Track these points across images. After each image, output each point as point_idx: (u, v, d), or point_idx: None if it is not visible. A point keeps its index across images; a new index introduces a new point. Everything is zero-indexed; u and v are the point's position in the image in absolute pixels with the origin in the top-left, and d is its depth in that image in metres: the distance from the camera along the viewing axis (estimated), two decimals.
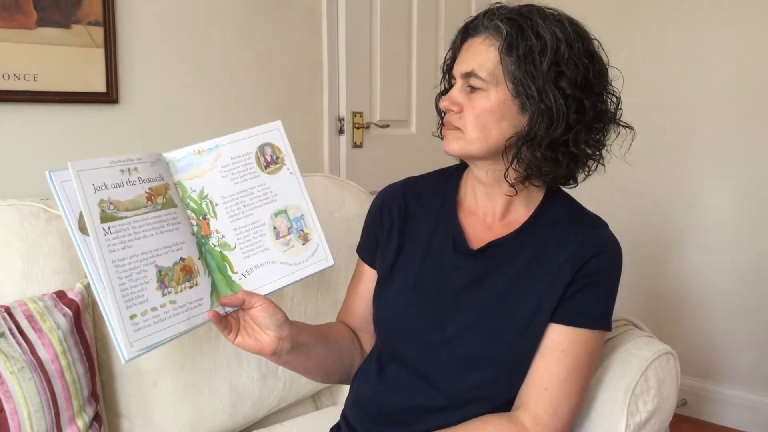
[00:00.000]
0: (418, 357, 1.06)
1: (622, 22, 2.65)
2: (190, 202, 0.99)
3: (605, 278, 1.03)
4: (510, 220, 1.09)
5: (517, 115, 1.00)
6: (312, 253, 1.06)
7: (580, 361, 1.02)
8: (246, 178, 1.02)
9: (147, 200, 0.94)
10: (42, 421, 1.05)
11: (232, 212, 1.01)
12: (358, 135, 2.34)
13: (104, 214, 0.89)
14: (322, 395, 1.63)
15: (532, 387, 1.02)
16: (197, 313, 0.95)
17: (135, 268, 0.90)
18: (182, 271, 0.94)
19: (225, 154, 1.02)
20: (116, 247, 0.89)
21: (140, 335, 0.89)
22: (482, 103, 1.00)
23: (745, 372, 2.54)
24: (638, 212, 2.71)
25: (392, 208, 1.15)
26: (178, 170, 0.99)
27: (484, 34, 1.01)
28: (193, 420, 1.32)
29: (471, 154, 1.04)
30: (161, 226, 0.94)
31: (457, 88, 1.03)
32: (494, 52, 0.99)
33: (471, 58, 1.01)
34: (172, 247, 0.94)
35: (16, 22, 1.54)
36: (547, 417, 1.00)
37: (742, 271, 2.52)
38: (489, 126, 1.00)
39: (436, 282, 1.08)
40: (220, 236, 1.00)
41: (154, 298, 0.91)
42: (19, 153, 1.59)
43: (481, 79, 0.99)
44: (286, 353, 1.02)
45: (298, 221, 1.05)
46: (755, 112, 2.44)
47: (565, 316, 1.01)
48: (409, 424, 1.06)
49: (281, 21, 2.09)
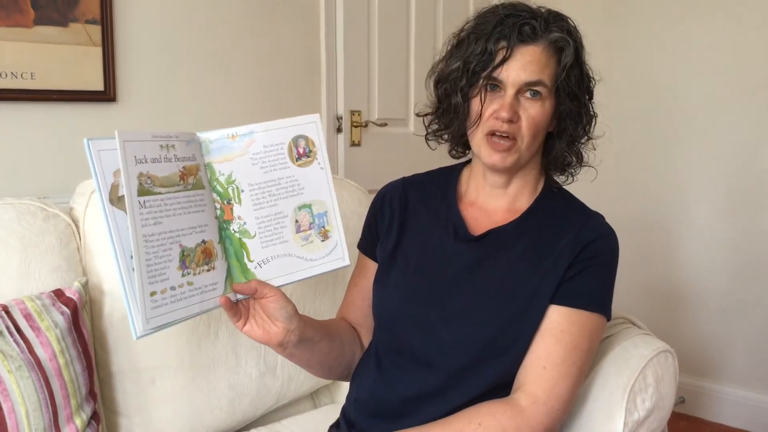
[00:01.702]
0: (416, 339, 1.07)
1: (615, 21, 2.65)
2: (216, 185, 0.98)
3: (603, 263, 1.06)
4: (512, 210, 1.11)
5: (551, 119, 1.06)
6: (330, 251, 1.05)
7: (579, 342, 1.02)
8: (276, 167, 1.01)
9: (180, 179, 0.93)
10: (40, 419, 1.05)
11: (257, 200, 1.00)
12: (356, 133, 2.34)
13: (142, 188, 0.88)
14: (320, 393, 1.63)
15: (530, 367, 1.02)
16: (211, 296, 0.95)
17: (162, 245, 0.89)
18: (203, 254, 0.94)
19: (258, 142, 1.01)
20: (148, 222, 0.87)
21: (157, 313, 0.88)
22: (539, 111, 1.03)
23: (743, 370, 2.55)
24: (635, 210, 2.72)
25: (393, 201, 1.17)
26: (210, 152, 0.98)
27: (544, 44, 1.02)
28: (191, 418, 1.32)
29: (520, 164, 1.07)
30: (189, 206, 0.93)
31: (512, 95, 1.02)
32: (554, 63, 1.03)
33: (535, 68, 1.01)
34: (197, 229, 0.94)
35: (14, 20, 1.54)
36: (544, 395, 1.00)
37: (740, 269, 2.52)
38: (539, 134, 1.06)
39: (435, 267, 1.09)
40: (242, 223, 0.99)
41: (175, 277, 0.90)
42: (16, 151, 1.59)
43: (547, 88, 1.02)
44: (293, 346, 1.02)
45: (320, 217, 1.05)
46: (750, 109, 2.45)
47: (564, 298, 1.03)
48: (408, 415, 1.07)
49: (279, 20, 2.09)
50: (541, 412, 0.99)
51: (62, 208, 1.29)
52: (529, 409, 0.99)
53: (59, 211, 1.27)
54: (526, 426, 0.99)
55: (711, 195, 2.56)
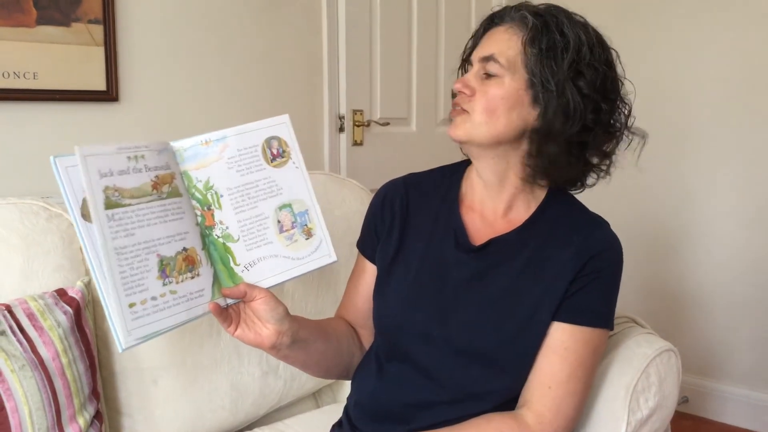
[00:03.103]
0: (418, 352, 1.06)
1: (621, 20, 2.65)
2: (195, 192, 0.98)
3: (607, 277, 1.04)
4: (511, 217, 1.09)
5: (527, 107, 1.01)
6: (315, 249, 1.05)
7: (584, 359, 1.02)
8: (252, 170, 1.02)
9: (152, 188, 0.93)
10: (43, 419, 1.05)
11: (237, 204, 1.00)
12: (358, 133, 2.34)
13: (108, 201, 0.88)
14: (323, 393, 1.63)
15: (535, 385, 1.01)
16: (198, 303, 0.95)
17: (137, 257, 0.89)
18: (184, 261, 0.94)
19: (232, 146, 1.01)
20: (119, 235, 0.88)
21: (138, 324, 0.88)
22: (495, 89, 1.01)
23: (746, 369, 2.54)
24: (639, 210, 2.71)
25: (394, 203, 1.15)
26: (184, 160, 0.99)
27: (509, 24, 1.03)
28: (193, 417, 1.32)
29: (474, 140, 1.03)
30: (165, 215, 0.93)
31: (473, 72, 1.04)
32: (516, 41, 1.01)
33: (492, 44, 1.03)
34: (176, 237, 0.93)
35: (16, 20, 1.54)
36: (550, 415, 1.00)
37: (744, 268, 2.51)
38: (498, 112, 1.00)
39: (436, 277, 1.08)
40: (224, 228, 0.99)
41: (155, 287, 0.90)
42: (18, 151, 1.59)
43: (499, 64, 1.00)
44: (286, 347, 1.01)
45: (302, 216, 1.05)
46: (756, 110, 2.44)
47: (568, 315, 1.02)
48: (409, 421, 1.06)
49: (281, 19, 2.09)
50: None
51: (65, 208, 1.28)
52: (536, 428, 0.99)
53: (62, 210, 1.27)
54: None
55: (716, 195, 2.55)
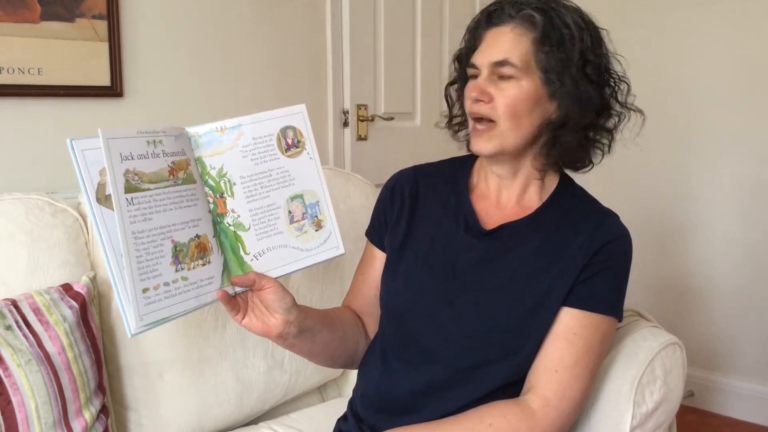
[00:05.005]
0: (425, 333, 1.07)
1: (625, 13, 2.64)
2: (208, 179, 0.98)
3: (617, 266, 1.04)
4: (523, 204, 1.10)
5: (546, 104, 1.02)
6: (324, 240, 1.05)
7: (591, 345, 1.02)
8: (266, 159, 1.02)
9: (169, 174, 0.93)
10: (49, 413, 1.06)
11: (250, 193, 1.00)
12: (362, 127, 2.34)
13: (128, 185, 0.88)
14: (328, 387, 1.63)
15: (542, 370, 1.02)
16: (207, 291, 0.95)
17: (153, 242, 0.89)
18: (197, 248, 0.94)
19: (247, 134, 1.01)
20: (137, 219, 0.88)
21: (150, 309, 0.88)
22: (514, 91, 1.00)
23: (752, 363, 2.54)
24: (643, 204, 2.71)
25: (404, 190, 1.16)
26: (199, 146, 0.98)
27: (512, 23, 1.01)
28: (199, 411, 1.33)
29: (506, 150, 1.03)
30: (180, 201, 0.93)
31: (484, 77, 1.02)
32: (525, 41, 1.00)
33: (501, 47, 1.01)
34: (189, 224, 0.93)
35: (21, 16, 1.54)
36: (555, 399, 1.00)
37: (748, 262, 2.51)
38: (521, 115, 1.01)
39: (445, 260, 1.08)
40: (236, 216, 0.99)
41: (168, 273, 0.90)
42: (23, 147, 1.59)
43: (516, 67, 1.00)
44: (293, 337, 1.02)
45: (313, 207, 1.05)
46: (760, 103, 2.43)
47: (577, 301, 1.02)
48: (414, 410, 1.06)
49: (285, 14, 2.09)
50: (552, 416, 0.99)
51: (70, 203, 1.29)
52: (540, 412, 0.99)
53: (67, 206, 1.28)
54: (537, 429, 0.99)
55: (720, 189, 2.54)
